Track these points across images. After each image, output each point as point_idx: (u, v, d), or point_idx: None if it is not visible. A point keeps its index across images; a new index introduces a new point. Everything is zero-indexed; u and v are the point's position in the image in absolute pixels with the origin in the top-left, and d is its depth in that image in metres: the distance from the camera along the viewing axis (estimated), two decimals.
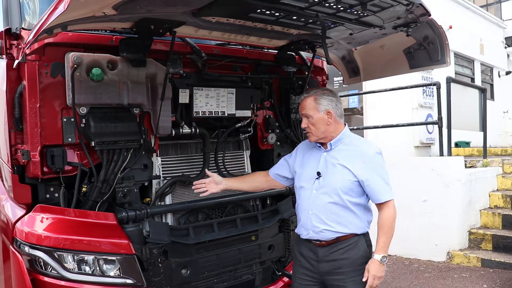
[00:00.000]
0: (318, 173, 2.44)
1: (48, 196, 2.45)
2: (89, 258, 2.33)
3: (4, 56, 2.39)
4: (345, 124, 2.52)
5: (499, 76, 12.74)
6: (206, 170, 2.78)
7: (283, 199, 3.28)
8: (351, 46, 3.13)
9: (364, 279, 2.37)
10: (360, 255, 2.41)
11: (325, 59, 3.48)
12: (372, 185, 2.37)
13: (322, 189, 2.41)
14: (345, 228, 2.39)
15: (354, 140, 2.49)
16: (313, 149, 2.55)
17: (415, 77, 7.69)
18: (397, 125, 7.08)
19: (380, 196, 2.39)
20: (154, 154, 2.82)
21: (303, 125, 2.47)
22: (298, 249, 2.57)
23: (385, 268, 2.40)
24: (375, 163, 2.41)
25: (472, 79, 11.14)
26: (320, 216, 2.41)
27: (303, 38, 2.94)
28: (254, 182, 2.79)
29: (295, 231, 2.59)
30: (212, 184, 2.65)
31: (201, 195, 2.66)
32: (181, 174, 2.95)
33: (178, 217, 2.93)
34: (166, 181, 2.85)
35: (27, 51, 2.27)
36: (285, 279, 3.18)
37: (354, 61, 3.37)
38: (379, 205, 2.43)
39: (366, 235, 2.48)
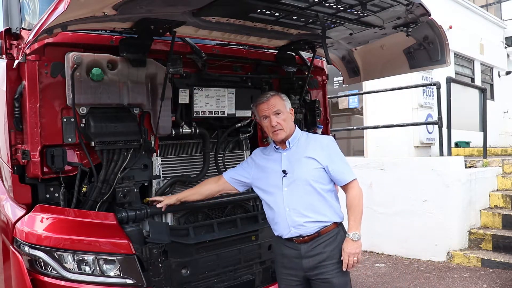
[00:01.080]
0: (284, 171, 2.52)
1: (48, 196, 2.44)
2: (89, 258, 2.33)
3: (4, 56, 2.39)
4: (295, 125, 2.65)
5: (499, 76, 12.74)
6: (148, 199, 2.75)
7: None
8: (351, 46, 3.13)
9: (342, 259, 2.47)
10: (341, 246, 2.49)
11: (325, 59, 3.48)
12: (336, 169, 2.50)
13: (292, 184, 2.49)
14: (324, 217, 2.49)
15: (307, 135, 2.65)
16: (269, 154, 2.65)
17: (415, 77, 7.69)
18: (397, 125, 7.08)
19: (345, 176, 2.51)
20: (154, 154, 2.82)
21: (274, 123, 2.51)
22: (279, 251, 2.61)
23: (360, 244, 2.48)
24: (333, 149, 2.56)
25: (472, 79, 11.14)
26: (298, 209, 2.48)
27: (303, 38, 2.94)
28: (204, 190, 2.76)
29: (275, 234, 2.61)
30: (168, 202, 2.67)
31: (158, 205, 2.65)
32: (181, 174, 2.95)
33: (178, 217, 2.93)
34: (166, 181, 2.85)
35: (27, 51, 2.27)
36: None
37: (354, 61, 3.37)
38: (345, 187, 2.54)
39: (342, 225, 2.58)
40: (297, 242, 2.51)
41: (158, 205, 2.65)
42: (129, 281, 2.42)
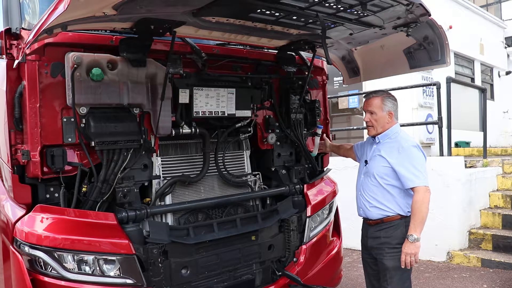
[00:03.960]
0: (366, 161, 3.03)
1: (48, 196, 2.44)
2: (89, 258, 2.34)
3: (4, 56, 2.39)
4: (397, 122, 2.97)
5: (499, 76, 12.75)
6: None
7: (283, 199, 3.28)
8: (351, 46, 3.13)
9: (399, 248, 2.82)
10: (398, 236, 2.84)
11: (325, 59, 3.48)
12: (402, 172, 2.79)
13: (366, 173, 2.98)
14: (384, 207, 2.87)
15: (397, 135, 2.92)
16: (370, 141, 3.09)
17: (415, 77, 7.69)
18: None
19: (408, 182, 2.78)
20: (154, 154, 2.81)
21: (366, 119, 2.95)
22: (362, 227, 3.12)
23: (417, 245, 2.77)
24: (408, 154, 2.81)
25: (472, 79, 11.15)
26: (364, 196, 2.97)
27: (303, 38, 2.94)
28: (345, 149, 3.54)
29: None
30: (327, 147, 3.64)
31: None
32: (181, 174, 2.95)
33: (178, 217, 2.92)
34: (166, 181, 2.85)
35: (27, 51, 2.27)
36: (285, 279, 3.19)
37: (354, 61, 3.37)
38: (412, 190, 2.79)
39: (407, 220, 2.84)
40: (367, 223, 3.02)
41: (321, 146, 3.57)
42: (129, 281, 2.42)
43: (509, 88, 12.89)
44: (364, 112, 2.98)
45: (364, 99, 2.98)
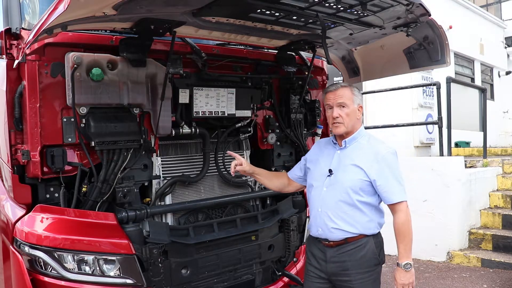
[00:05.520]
0: (330, 171, 2.43)
1: (48, 196, 2.44)
2: (89, 258, 2.33)
3: (4, 56, 2.39)
4: (362, 124, 2.53)
5: (499, 76, 12.75)
6: (230, 152, 2.79)
7: (283, 199, 3.28)
8: (351, 46, 3.13)
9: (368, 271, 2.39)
10: (368, 257, 2.38)
11: (325, 59, 3.48)
12: (384, 185, 2.34)
13: (332, 186, 2.40)
14: (353, 228, 2.36)
15: (369, 140, 2.46)
16: (328, 147, 2.55)
17: (415, 77, 7.69)
18: (397, 125, 7.08)
19: (392, 196, 2.35)
20: (154, 154, 2.82)
21: (336, 114, 2.39)
22: (309, 247, 2.58)
23: (413, 273, 2.35)
24: (388, 163, 2.37)
25: (472, 79, 11.15)
26: (328, 214, 2.39)
27: (303, 38, 2.94)
28: (279, 183, 2.76)
29: (307, 226, 2.61)
30: (249, 170, 2.66)
31: (233, 171, 2.60)
32: (181, 174, 2.95)
33: (178, 217, 2.92)
34: (166, 181, 2.85)
35: (27, 51, 2.27)
36: (285, 279, 3.19)
37: (354, 61, 3.36)
38: (392, 207, 2.38)
39: (376, 236, 2.44)
40: (324, 245, 2.45)
41: (238, 168, 2.59)
42: (129, 281, 2.42)
43: (509, 88, 12.89)
44: (329, 108, 2.45)
45: (325, 93, 2.47)
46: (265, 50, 3.27)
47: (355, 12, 2.39)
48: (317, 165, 2.53)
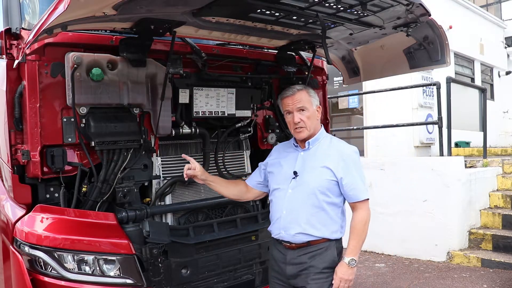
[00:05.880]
0: (295, 173, 2.39)
1: (48, 196, 2.44)
2: (89, 258, 2.33)
3: (4, 56, 2.39)
4: (321, 125, 2.50)
5: (499, 76, 12.75)
6: (185, 155, 2.62)
7: None
8: (351, 46, 3.13)
9: (333, 282, 2.33)
10: (327, 260, 2.35)
11: (325, 59, 3.48)
12: (351, 183, 2.32)
13: (298, 188, 2.36)
14: (317, 231, 2.33)
15: (331, 140, 2.46)
16: (288, 150, 2.52)
17: (415, 77, 7.70)
18: (397, 125, 7.09)
19: (357, 193, 2.33)
20: (154, 154, 2.82)
21: (297, 119, 2.36)
22: (271, 251, 2.55)
23: (354, 271, 2.33)
24: (353, 162, 2.37)
25: (472, 79, 11.15)
26: (293, 216, 2.35)
27: (303, 38, 2.94)
28: (237, 191, 2.65)
29: (268, 228, 2.53)
30: (202, 176, 2.53)
31: (185, 175, 2.50)
32: (181, 174, 2.95)
33: (178, 217, 2.93)
34: (166, 181, 2.85)
35: (27, 51, 2.27)
36: None
37: (354, 61, 3.36)
38: (354, 205, 2.37)
39: (338, 241, 2.41)
40: (285, 246, 2.41)
41: (189, 172, 2.49)
42: (129, 281, 2.42)
43: (509, 88, 12.89)
44: (288, 113, 2.42)
45: (281, 99, 2.43)
46: (265, 50, 3.27)
47: (355, 12, 2.39)
48: (280, 169, 2.48)
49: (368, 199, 2.36)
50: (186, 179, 2.53)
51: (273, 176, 2.53)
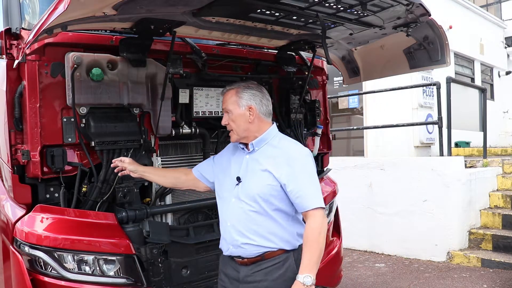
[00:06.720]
0: (238, 178, 2.15)
1: (48, 196, 2.44)
2: (89, 258, 2.33)
3: (4, 56, 2.39)
4: (272, 123, 2.24)
5: (499, 76, 12.75)
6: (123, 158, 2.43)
7: None
8: (351, 46, 3.13)
9: None
10: (287, 276, 2.08)
11: (325, 59, 3.48)
12: (296, 191, 2.05)
13: (240, 196, 2.11)
14: (268, 242, 2.09)
15: (280, 141, 2.20)
16: (237, 152, 2.27)
17: (415, 77, 7.70)
18: (397, 125, 7.09)
19: (305, 202, 2.05)
20: (154, 154, 2.81)
21: (223, 121, 2.20)
22: (222, 267, 2.29)
23: None
24: (302, 166, 2.09)
25: (472, 79, 11.15)
26: (238, 228, 2.11)
27: (303, 38, 2.94)
28: (174, 178, 2.44)
29: (219, 246, 2.29)
30: (131, 167, 2.35)
31: (117, 171, 2.38)
32: None
33: (178, 217, 2.92)
34: None
35: (27, 51, 2.27)
36: None
37: (354, 61, 3.36)
38: (304, 214, 2.09)
39: (297, 251, 2.12)
40: (238, 262, 2.16)
41: (119, 163, 2.34)
42: (129, 281, 2.42)
43: (509, 88, 12.89)
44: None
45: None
46: (265, 50, 3.27)
47: (355, 12, 2.39)
48: (226, 173, 2.25)
49: (320, 207, 2.05)
50: (116, 171, 2.38)
51: (218, 182, 2.31)
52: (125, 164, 2.34)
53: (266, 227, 2.09)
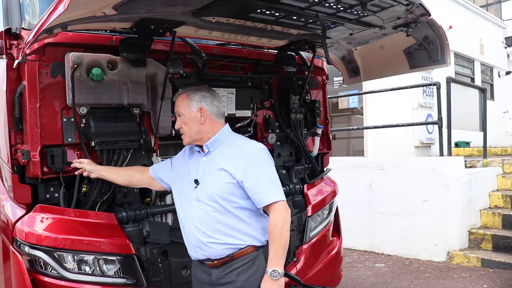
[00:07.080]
0: (196, 181, 2.16)
1: (48, 196, 2.44)
2: (89, 258, 2.33)
3: (4, 56, 2.39)
4: (225, 124, 2.27)
5: (499, 76, 12.75)
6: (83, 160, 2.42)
7: None
8: (351, 46, 3.13)
9: None
10: (259, 274, 2.09)
11: (325, 59, 3.48)
12: (253, 186, 2.05)
13: (200, 197, 2.12)
14: (234, 239, 2.09)
15: (234, 139, 2.22)
16: (193, 155, 2.28)
17: (415, 77, 7.70)
18: (397, 125, 7.09)
19: (263, 198, 2.06)
20: (154, 154, 2.81)
21: (177, 125, 2.23)
22: (194, 272, 2.28)
23: (282, 283, 2.04)
24: (257, 161, 2.10)
25: (472, 79, 11.15)
26: (201, 229, 2.11)
27: (303, 38, 2.94)
28: (128, 176, 2.42)
29: (188, 251, 2.27)
30: (88, 166, 2.35)
31: (77, 173, 2.37)
32: None
33: None
34: None
35: (27, 51, 2.27)
36: (285, 279, 3.18)
37: (354, 61, 3.37)
38: (266, 209, 2.09)
39: (266, 249, 2.12)
40: (208, 266, 2.16)
41: (78, 165, 2.34)
42: (129, 281, 2.42)
43: (509, 88, 12.89)
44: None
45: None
46: (265, 50, 3.27)
47: (355, 12, 2.39)
48: (185, 178, 2.24)
49: (281, 200, 2.07)
50: (77, 174, 2.37)
51: (176, 187, 2.31)
52: (83, 165, 2.35)
53: (229, 225, 2.10)
